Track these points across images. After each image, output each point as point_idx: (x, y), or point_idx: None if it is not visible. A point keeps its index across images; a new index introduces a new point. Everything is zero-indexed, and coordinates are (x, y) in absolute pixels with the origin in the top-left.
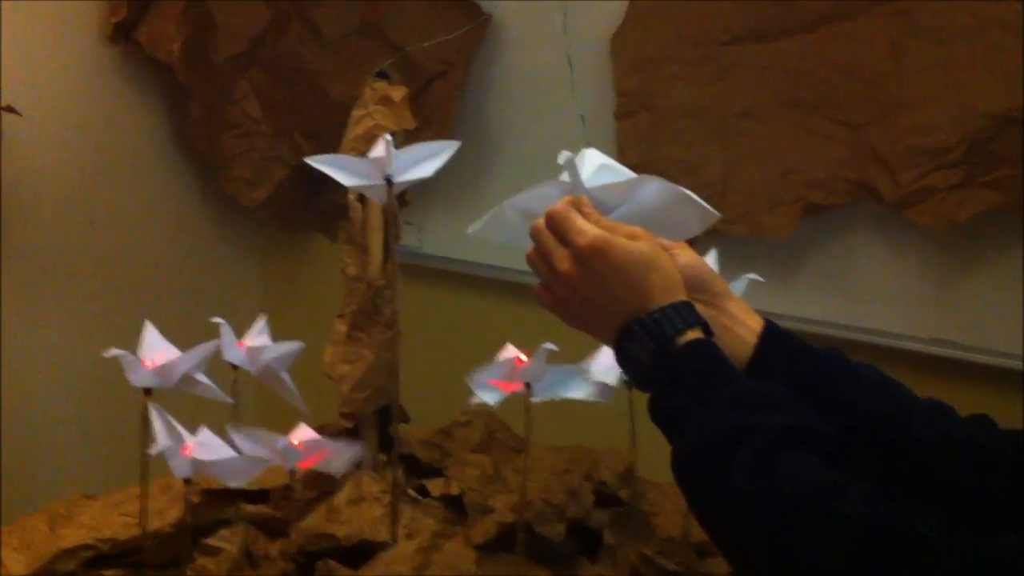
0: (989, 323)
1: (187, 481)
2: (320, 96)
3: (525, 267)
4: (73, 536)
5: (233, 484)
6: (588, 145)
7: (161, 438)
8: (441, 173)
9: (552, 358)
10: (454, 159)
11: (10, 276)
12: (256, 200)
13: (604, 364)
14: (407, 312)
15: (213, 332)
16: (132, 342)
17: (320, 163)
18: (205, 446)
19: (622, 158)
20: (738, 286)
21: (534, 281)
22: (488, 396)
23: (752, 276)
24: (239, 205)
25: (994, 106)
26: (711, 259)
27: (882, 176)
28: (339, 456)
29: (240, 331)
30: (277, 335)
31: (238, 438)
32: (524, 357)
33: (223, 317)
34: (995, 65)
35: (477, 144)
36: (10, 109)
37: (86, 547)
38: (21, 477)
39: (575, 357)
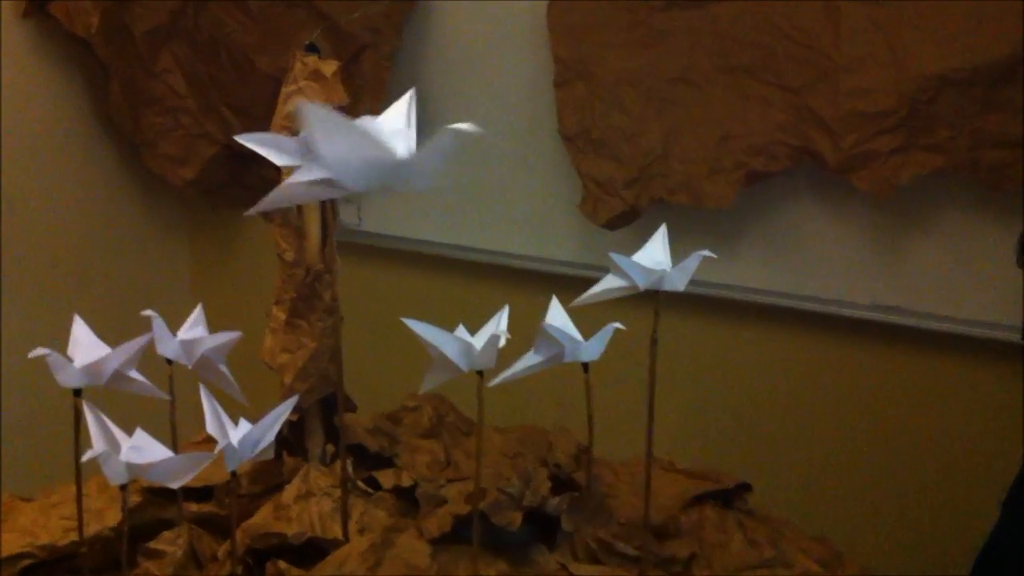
0: (930, 287)
1: (123, 487)
2: (247, 69)
3: (469, 243)
4: (10, 543)
5: (173, 485)
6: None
7: (96, 443)
8: None
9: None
10: None
11: None
12: (184, 178)
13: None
14: (349, 294)
15: (144, 322)
16: (59, 335)
17: (251, 141)
18: (139, 449)
19: (562, 127)
20: (690, 263)
21: (477, 257)
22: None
23: (705, 253)
24: (166, 184)
25: (932, 67)
26: (660, 235)
27: (823, 141)
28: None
29: (171, 318)
30: (210, 319)
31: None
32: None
33: (154, 303)
34: (932, 26)
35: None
36: None
37: (23, 555)
38: None
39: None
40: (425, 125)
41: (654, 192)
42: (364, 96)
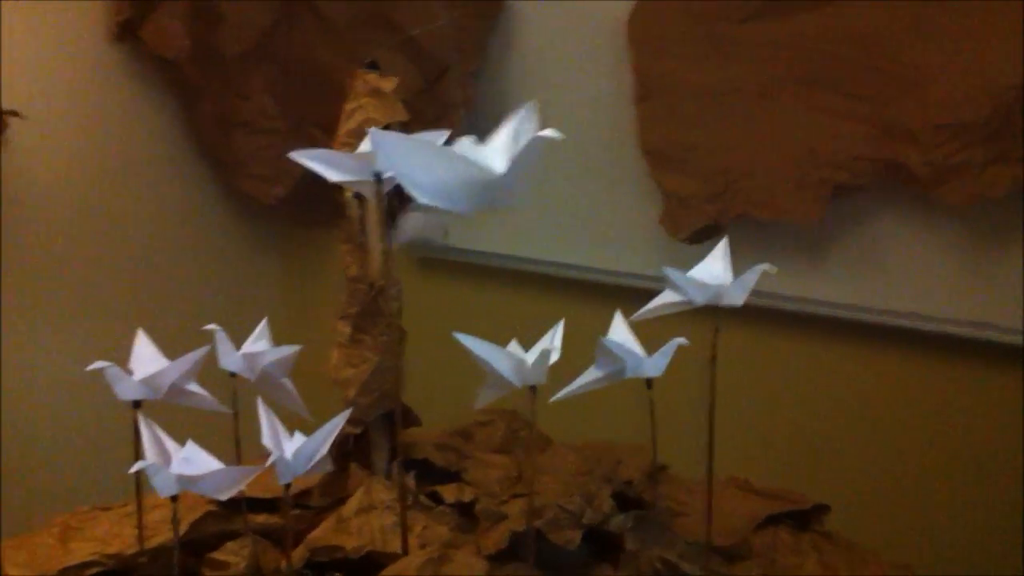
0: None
1: (173, 498)
2: (334, 88)
3: (550, 257)
4: (82, 550)
5: (222, 497)
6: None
7: (148, 455)
8: None
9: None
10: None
11: (20, 288)
12: (276, 197)
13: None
14: (431, 310)
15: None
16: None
17: (306, 158)
18: (190, 461)
19: (643, 142)
20: (749, 278)
21: (557, 272)
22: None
23: (765, 266)
24: (257, 204)
25: (1021, 78)
26: (721, 249)
27: (911, 153)
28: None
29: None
30: (300, 336)
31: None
32: None
33: (245, 320)
34: (1022, 35)
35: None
36: (13, 113)
37: (90, 564)
38: (30, 489)
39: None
40: None
41: (737, 207)
42: (450, 115)
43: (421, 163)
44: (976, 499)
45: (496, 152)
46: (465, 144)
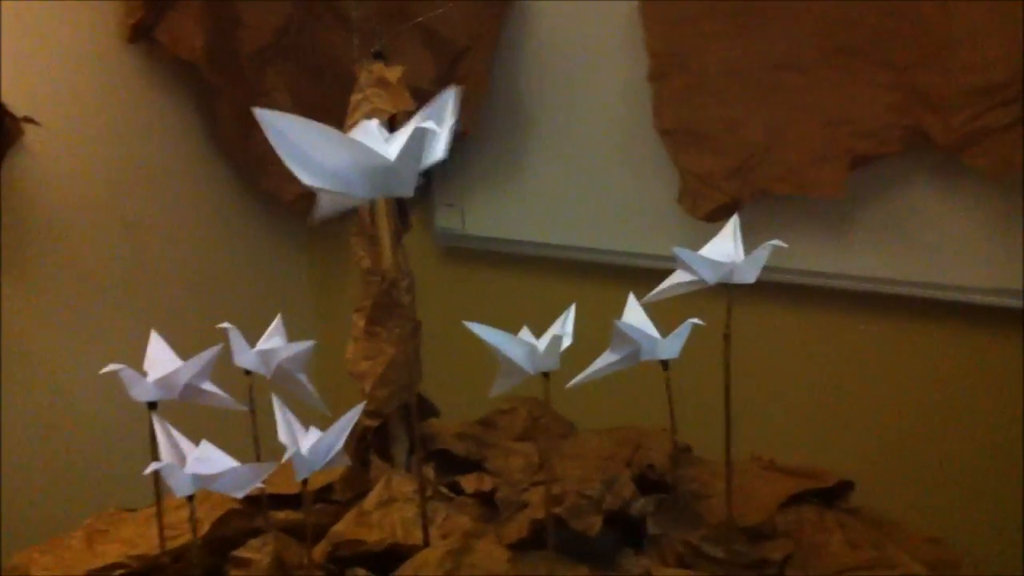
0: None
1: (190, 498)
2: (351, 84)
3: (568, 241)
4: (109, 553)
5: (239, 495)
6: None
7: (164, 455)
8: (478, 150)
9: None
10: (492, 136)
11: (44, 291)
12: (295, 194)
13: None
14: (455, 298)
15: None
16: (183, 351)
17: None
18: (205, 460)
19: (658, 121)
20: (760, 254)
21: (577, 256)
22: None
23: (776, 242)
24: (278, 202)
25: None
26: (732, 227)
27: (934, 120)
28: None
29: (292, 331)
30: (326, 331)
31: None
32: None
33: (273, 316)
34: None
35: (515, 117)
36: (29, 120)
37: (115, 566)
38: (70, 490)
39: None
40: (526, 126)
41: (757, 183)
42: (466, 100)
43: (315, 147)
44: (1003, 469)
45: (398, 138)
46: (369, 128)
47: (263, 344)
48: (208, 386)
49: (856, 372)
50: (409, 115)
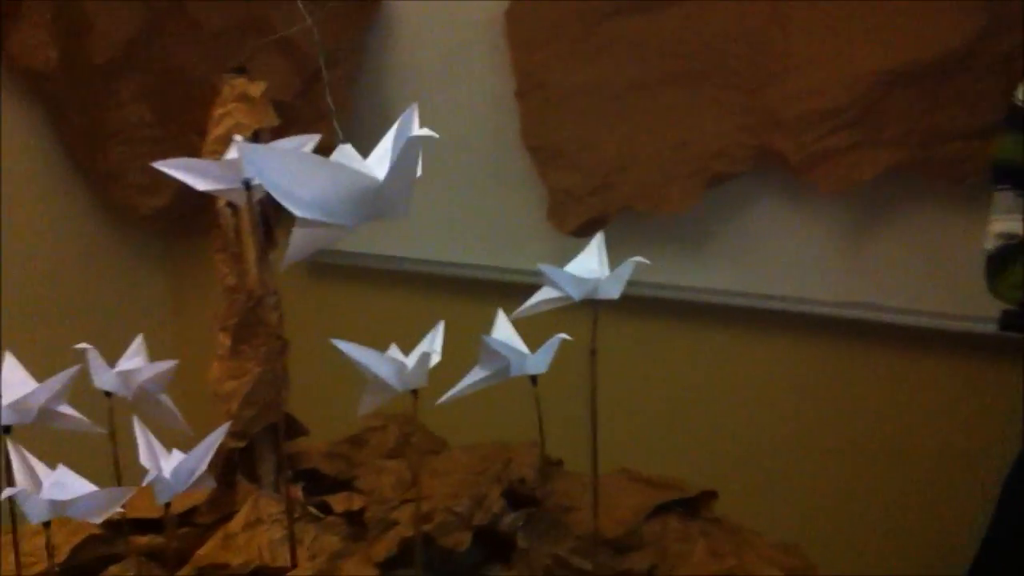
0: (898, 282)
1: (46, 524)
2: (209, 95)
3: (439, 257)
4: None
5: (97, 520)
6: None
7: (19, 481)
8: None
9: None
10: (357, 150)
11: None
12: (154, 207)
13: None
14: (325, 315)
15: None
16: (40, 373)
17: (172, 167)
18: (61, 485)
19: (526, 138)
20: (624, 271)
21: (449, 271)
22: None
23: (638, 259)
24: (135, 215)
25: (881, 63)
26: (596, 244)
27: (782, 140)
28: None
29: (151, 349)
30: (192, 350)
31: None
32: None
33: (133, 334)
34: (879, 23)
35: (381, 130)
36: None
37: None
38: None
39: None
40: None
41: (619, 200)
42: (328, 115)
43: (296, 175)
44: (861, 475)
45: (378, 160)
46: (345, 152)
47: (123, 364)
48: (65, 409)
49: (715, 382)
50: (274, 131)
